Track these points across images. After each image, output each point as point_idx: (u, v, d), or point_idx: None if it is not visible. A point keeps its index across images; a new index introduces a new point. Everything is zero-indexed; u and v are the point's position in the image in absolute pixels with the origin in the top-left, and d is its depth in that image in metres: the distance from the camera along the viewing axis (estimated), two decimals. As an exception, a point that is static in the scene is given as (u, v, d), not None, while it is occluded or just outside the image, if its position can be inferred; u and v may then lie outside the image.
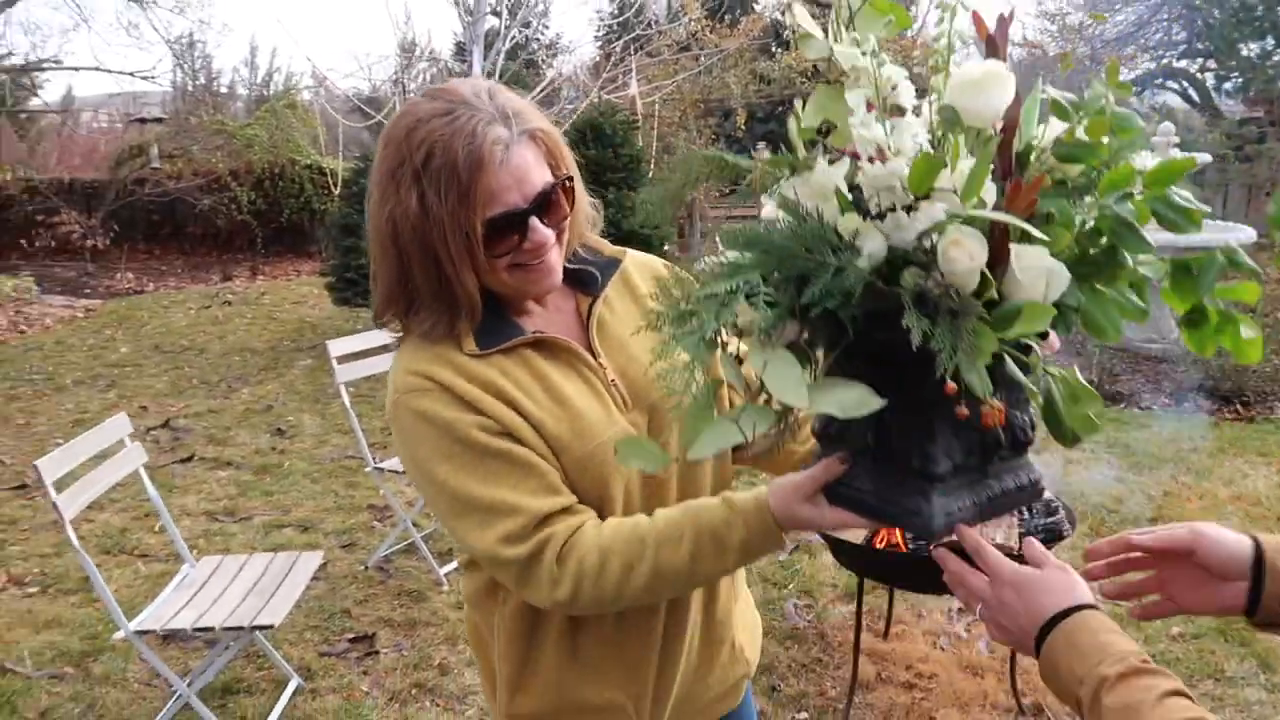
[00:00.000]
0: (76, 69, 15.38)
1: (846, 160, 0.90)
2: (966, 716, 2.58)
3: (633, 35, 10.27)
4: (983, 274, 0.85)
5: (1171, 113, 12.36)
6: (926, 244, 0.86)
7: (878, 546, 2.45)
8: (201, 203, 11.83)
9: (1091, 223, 0.87)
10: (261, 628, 2.45)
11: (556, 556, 1.04)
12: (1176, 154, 6.46)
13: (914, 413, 0.94)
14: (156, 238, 12.62)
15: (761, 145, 1.07)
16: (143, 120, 14.40)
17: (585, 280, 1.19)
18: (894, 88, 0.87)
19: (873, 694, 2.70)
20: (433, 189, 1.02)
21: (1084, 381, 0.95)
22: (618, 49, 10.01)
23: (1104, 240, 0.87)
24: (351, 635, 3.11)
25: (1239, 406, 5.29)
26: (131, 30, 22.10)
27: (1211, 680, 2.74)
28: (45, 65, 14.39)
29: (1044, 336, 0.96)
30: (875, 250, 0.85)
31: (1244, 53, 12.32)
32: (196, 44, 15.44)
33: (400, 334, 1.14)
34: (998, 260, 0.85)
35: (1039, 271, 0.84)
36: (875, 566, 2.55)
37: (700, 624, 1.24)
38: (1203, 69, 14.12)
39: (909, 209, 0.87)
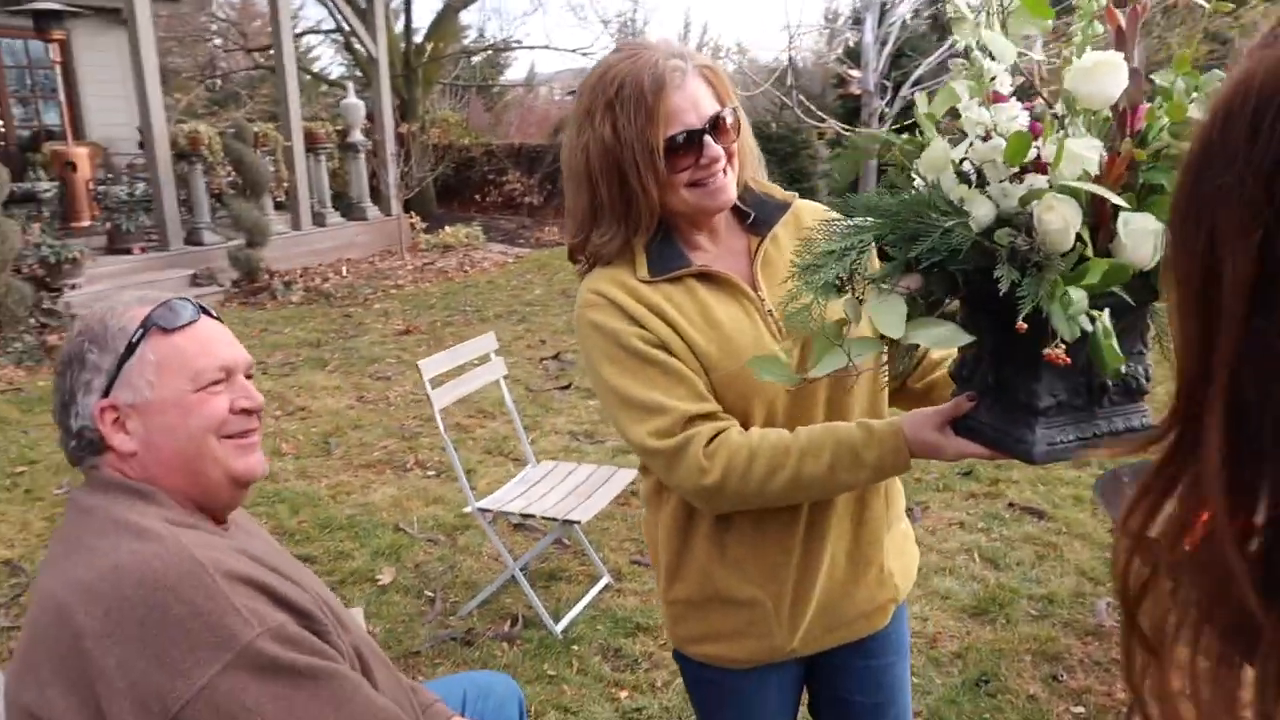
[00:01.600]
0: (531, 48, 17.61)
1: (963, 140, 1.04)
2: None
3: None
4: (1079, 235, 0.96)
5: None
6: (1027, 209, 0.98)
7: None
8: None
9: None
10: (572, 521, 2.85)
11: (703, 449, 1.19)
12: None
13: (1023, 355, 1.04)
14: (580, 198, 14.16)
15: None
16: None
17: (757, 222, 1.33)
18: (993, 79, 1.01)
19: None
20: (624, 114, 1.20)
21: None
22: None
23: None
24: (638, 555, 3.45)
25: None
26: (578, 12, 24.71)
27: None
28: (510, 45, 16.67)
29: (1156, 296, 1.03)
30: (983, 215, 1.00)
31: None
32: (631, 22, 16.91)
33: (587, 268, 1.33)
34: (1100, 224, 0.98)
35: (1145, 234, 0.94)
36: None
37: (848, 541, 1.35)
38: None
39: (1014, 179, 1.00)
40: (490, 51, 17.57)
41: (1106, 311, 0.96)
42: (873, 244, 1.06)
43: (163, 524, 1.09)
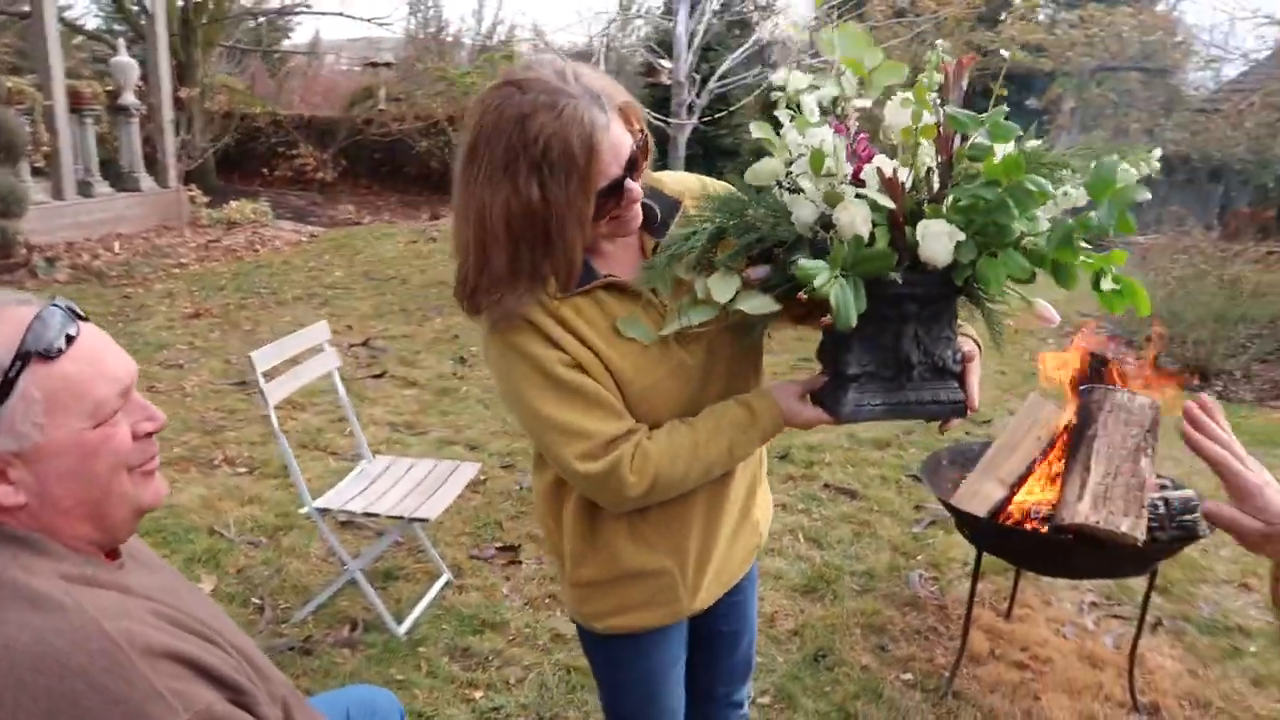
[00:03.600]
0: (323, 13, 16.65)
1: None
2: (1075, 703, 2.57)
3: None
4: (874, 233, 1.22)
5: None
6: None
7: (1000, 522, 2.46)
8: (419, 145, 12.65)
9: (967, 201, 1.21)
10: (419, 520, 2.76)
11: (631, 468, 1.27)
12: None
13: (839, 331, 1.26)
14: (377, 175, 13.64)
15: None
16: (375, 65, 15.48)
17: (649, 218, 1.35)
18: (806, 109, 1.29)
19: (982, 668, 2.72)
20: (555, 179, 1.18)
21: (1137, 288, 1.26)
22: (834, 14, 9.85)
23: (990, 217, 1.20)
24: (499, 544, 3.41)
25: None
26: (373, -21, 23.63)
27: (1359, 712, 2.58)
28: (296, 9, 15.69)
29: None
30: (806, 215, 1.26)
31: None
32: (428, -4, 16.36)
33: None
34: (895, 225, 1.24)
35: (939, 236, 1.20)
36: (997, 542, 2.55)
37: (741, 503, 1.50)
38: None
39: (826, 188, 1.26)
40: (278, 15, 16.48)
41: (845, 281, 1.20)
42: (713, 232, 1.30)
43: (60, 585, 0.93)
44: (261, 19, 16.26)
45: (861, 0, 10.77)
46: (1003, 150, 1.21)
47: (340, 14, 14.48)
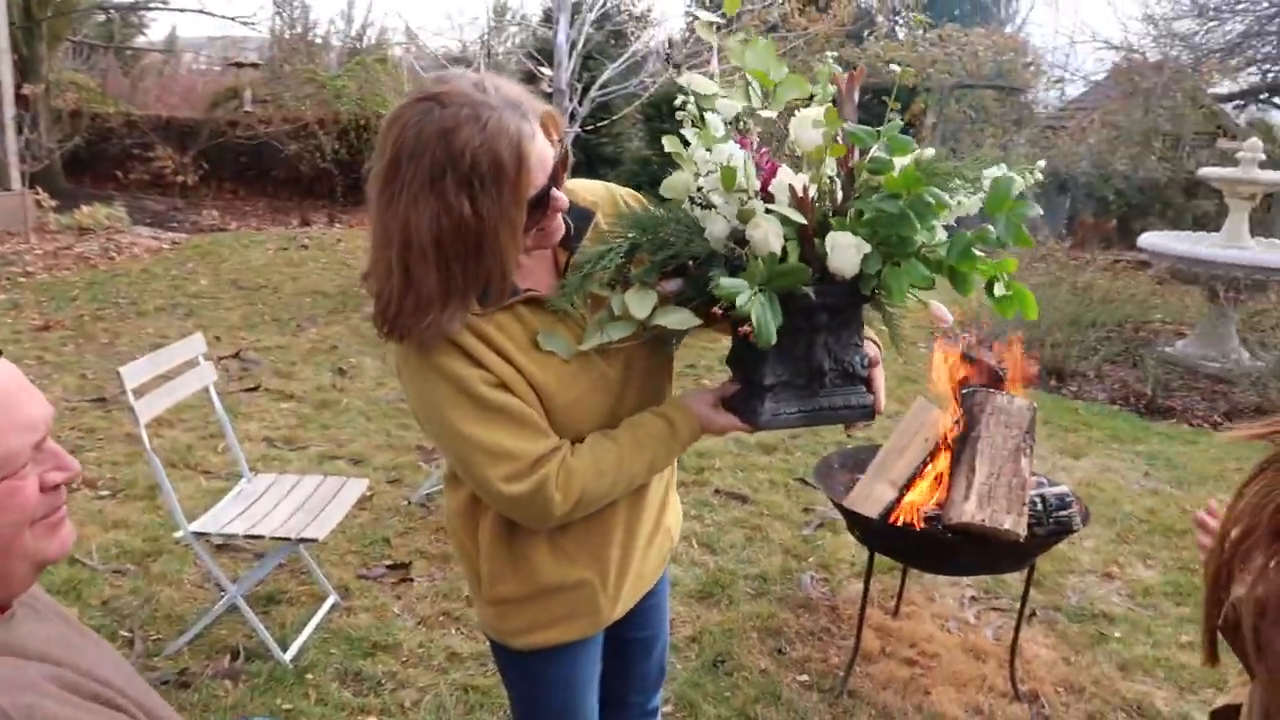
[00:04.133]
0: (180, 10, 15.85)
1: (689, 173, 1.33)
2: (962, 695, 2.67)
3: (719, 14, 10.26)
4: (785, 247, 1.25)
5: (1270, 130, 11.92)
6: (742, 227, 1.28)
7: (891, 523, 2.54)
8: (288, 148, 12.20)
9: (871, 214, 1.25)
10: (306, 540, 2.65)
11: (556, 485, 1.25)
12: (1257, 174, 6.33)
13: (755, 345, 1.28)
14: (243, 179, 13.06)
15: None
16: (239, 65, 14.85)
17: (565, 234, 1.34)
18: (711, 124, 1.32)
19: (874, 665, 2.80)
20: (486, 194, 1.15)
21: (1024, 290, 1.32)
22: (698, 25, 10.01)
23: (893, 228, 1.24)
24: (389, 562, 3.30)
25: (1295, 433, 5.19)
26: (236, -24, 22.63)
27: (1212, 689, 2.77)
28: (150, 5, 14.90)
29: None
30: (719, 230, 1.29)
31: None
32: (294, -6, 15.81)
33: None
34: (805, 239, 1.27)
35: (847, 249, 1.25)
36: (887, 542, 2.63)
37: (656, 510, 1.51)
38: (1310, 86, 13.55)
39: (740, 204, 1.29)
40: (132, 10, 15.59)
41: (764, 298, 1.23)
42: (628, 248, 1.32)
43: None
44: (113, 13, 15.36)
45: (736, 15, 11.02)
46: (901, 163, 1.26)
47: (200, 11, 13.75)
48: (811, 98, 1.35)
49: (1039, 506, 2.52)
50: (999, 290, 1.30)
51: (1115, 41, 14.45)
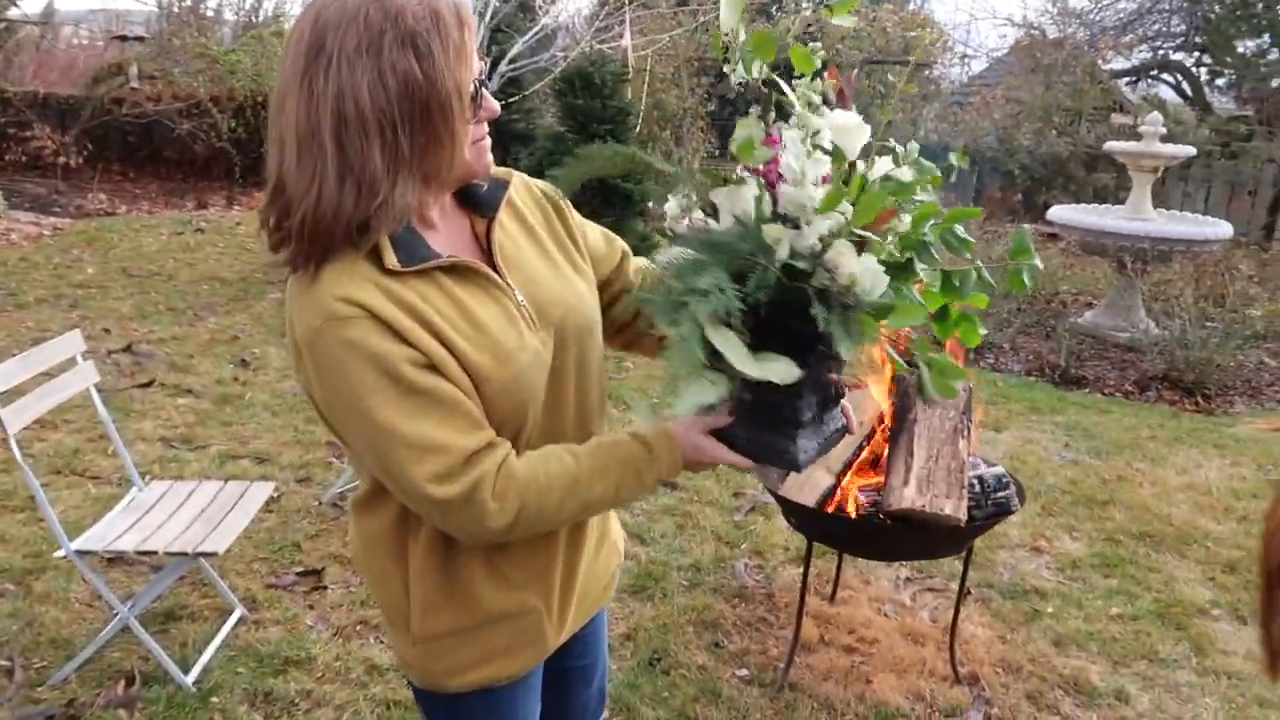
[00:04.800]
0: (58, -20, 14.89)
1: (752, 179, 1.11)
2: (903, 682, 2.62)
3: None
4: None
5: (1163, 105, 12.34)
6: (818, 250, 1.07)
7: (829, 511, 2.46)
8: (180, 127, 11.56)
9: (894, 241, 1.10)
10: (206, 554, 2.43)
11: (493, 493, 1.07)
12: (1158, 147, 6.48)
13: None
14: (131, 159, 12.35)
15: (754, 108, 1.20)
16: (124, 38, 14.02)
17: (477, 199, 1.19)
18: (817, 133, 1.07)
19: (814, 655, 2.73)
20: (431, 49, 1.01)
21: (955, 363, 1.20)
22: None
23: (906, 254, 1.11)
24: (300, 569, 3.10)
25: (1200, 399, 5.35)
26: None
27: (1145, 661, 2.79)
28: (25, -26, 13.93)
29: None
30: (784, 253, 1.07)
31: (1239, 50, 12.29)
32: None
33: (298, 258, 1.07)
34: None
35: (877, 273, 1.06)
36: (825, 531, 2.56)
37: (599, 525, 1.36)
38: (1198, 63, 14.09)
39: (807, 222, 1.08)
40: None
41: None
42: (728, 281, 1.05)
43: None
44: (-19, -18, 14.33)
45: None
46: (926, 197, 1.14)
47: (79, -19, 12.94)
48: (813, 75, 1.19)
49: (977, 488, 2.47)
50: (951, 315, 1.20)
51: (1016, 19, 14.78)
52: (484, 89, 1.09)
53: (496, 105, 1.12)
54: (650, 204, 7.89)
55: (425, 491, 1.05)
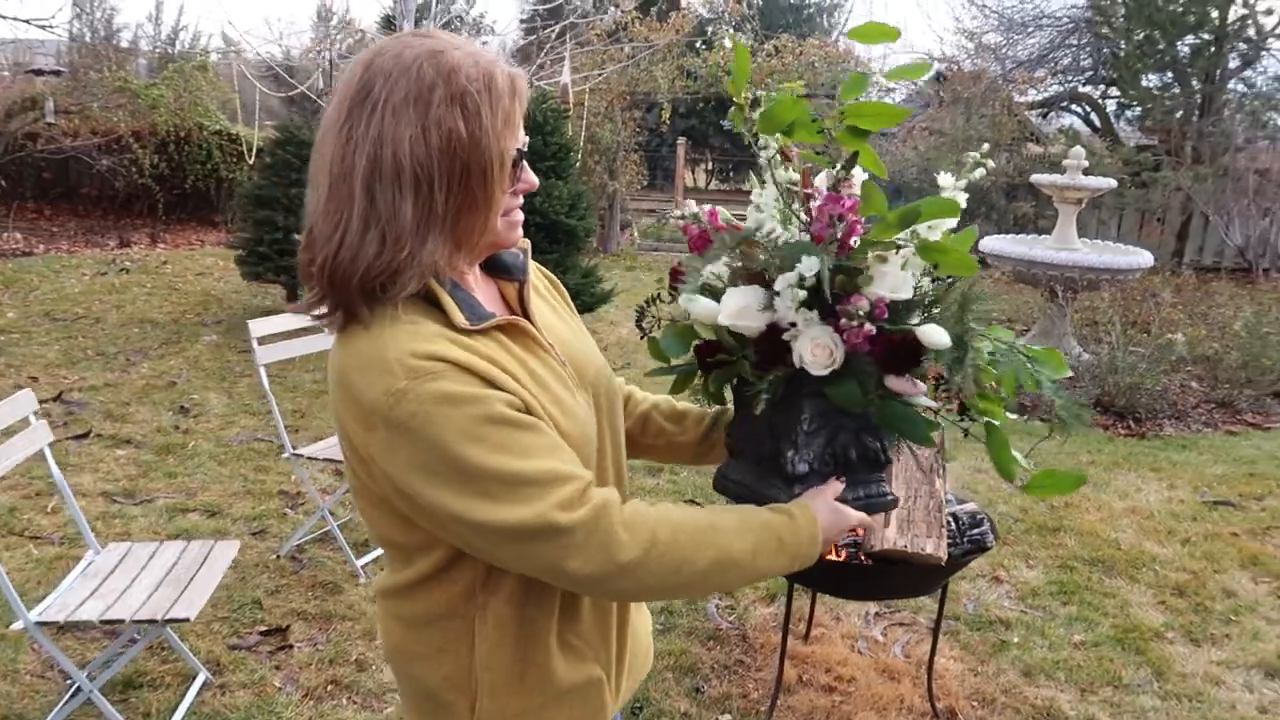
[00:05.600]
0: (-36, 11, 14.31)
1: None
2: (884, 719, 2.65)
3: (567, 22, 10.18)
4: None
5: (1076, 136, 12.88)
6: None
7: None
8: (99, 163, 11.23)
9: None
10: (176, 620, 2.34)
11: (623, 521, 1.04)
12: (1082, 180, 6.76)
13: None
14: (47, 197, 11.92)
15: (682, 140, 1.28)
16: (38, 72, 13.56)
17: (502, 266, 1.19)
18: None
19: (794, 697, 2.74)
20: (479, 111, 1.01)
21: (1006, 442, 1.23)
22: (553, 34, 9.91)
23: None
24: (264, 628, 3.00)
25: (1132, 423, 5.57)
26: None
27: (1110, 688, 2.87)
28: (-71, 4, 13.40)
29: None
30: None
31: (1145, 83, 12.91)
32: (97, -3, 14.62)
33: (337, 318, 1.04)
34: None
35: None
36: (806, 572, 2.57)
37: None
38: (1104, 95, 14.77)
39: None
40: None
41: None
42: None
43: None
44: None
45: (577, 26, 10.95)
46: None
47: (-12, 12, 12.47)
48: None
49: (953, 526, 2.52)
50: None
51: (935, 54, 15.30)
52: (524, 161, 1.09)
53: (535, 179, 1.11)
54: (590, 240, 7.92)
55: (552, 519, 0.98)
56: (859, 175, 1.17)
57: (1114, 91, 14.47)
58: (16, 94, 12.59)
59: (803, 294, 1.06)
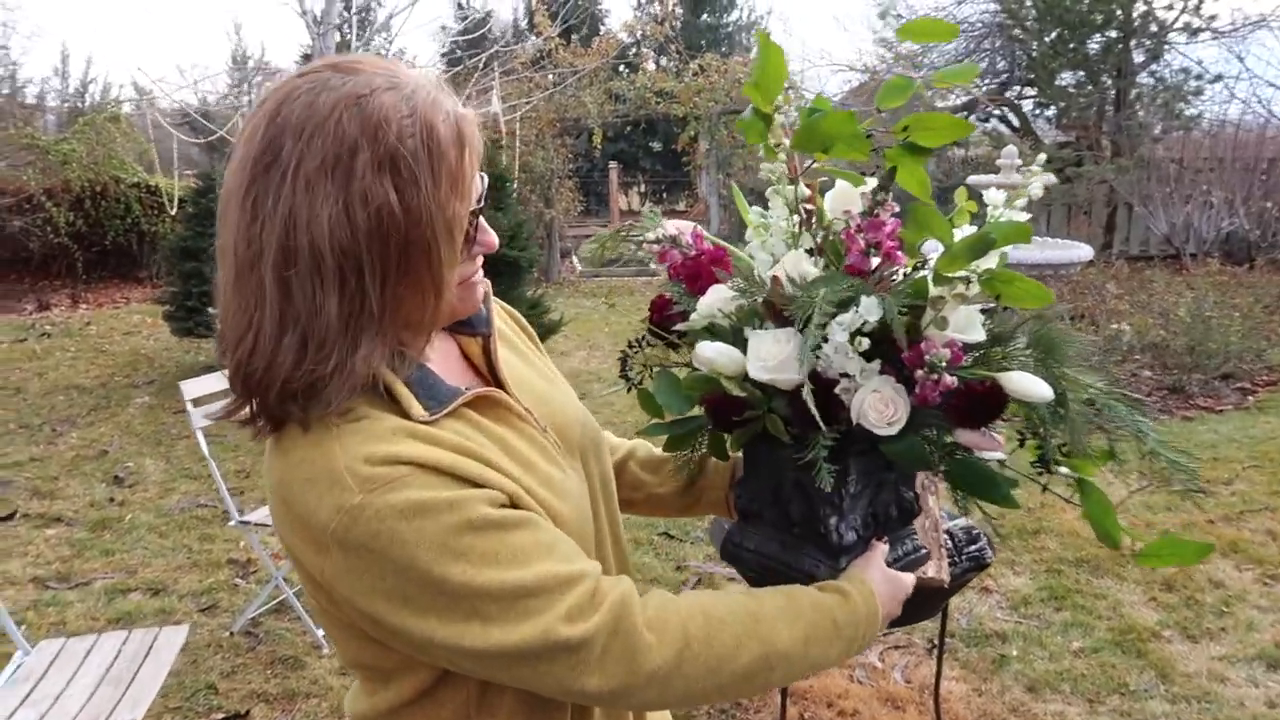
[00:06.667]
0: None
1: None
2: (895, 755, 2.52)
3: (489, 52, 10.07)
4: None
5: (1001, 137, 13.14)
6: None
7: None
8: (11, 224, 10.75)
9: None
10: (121, 725, 2.11)
11: (647, 620, 0.86)
12: (1017, 177, 6.82)
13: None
14: (-44, 262, 11.40)
15: (614, 164, 1.14)
16: (-62, 133, 12.99)
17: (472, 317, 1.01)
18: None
19: (798, 737, 2.60)
20: (416, 179, 0.81)
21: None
22: (479, 64, 9.78)
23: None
24: (221, 715, 2.76)
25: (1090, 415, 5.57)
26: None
27: (1117, 696, 2.78)
28: None
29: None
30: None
31: (1059, 82, 13.24)
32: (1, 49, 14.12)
33: (269, 422, 0.86)
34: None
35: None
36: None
37: None
38: (1020, 96, 15.12)
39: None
40: None
41: None
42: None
43: None
44: None
45: (499, 55, 10.84)
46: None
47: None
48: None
49: (950, 544, 2.41)
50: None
51: (855, 65, 15.54)
52: (480, 219, 0.90)
53: (494, 238, 0.92)
54: (533, 270, 7.77)
55: (560, 636, 0.82)
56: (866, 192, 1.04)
57: (1029, 91, 14.84)
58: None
59: (866, 343, 0.91)
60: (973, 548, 2.51)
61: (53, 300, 10.37)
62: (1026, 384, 0.91)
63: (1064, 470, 1.10)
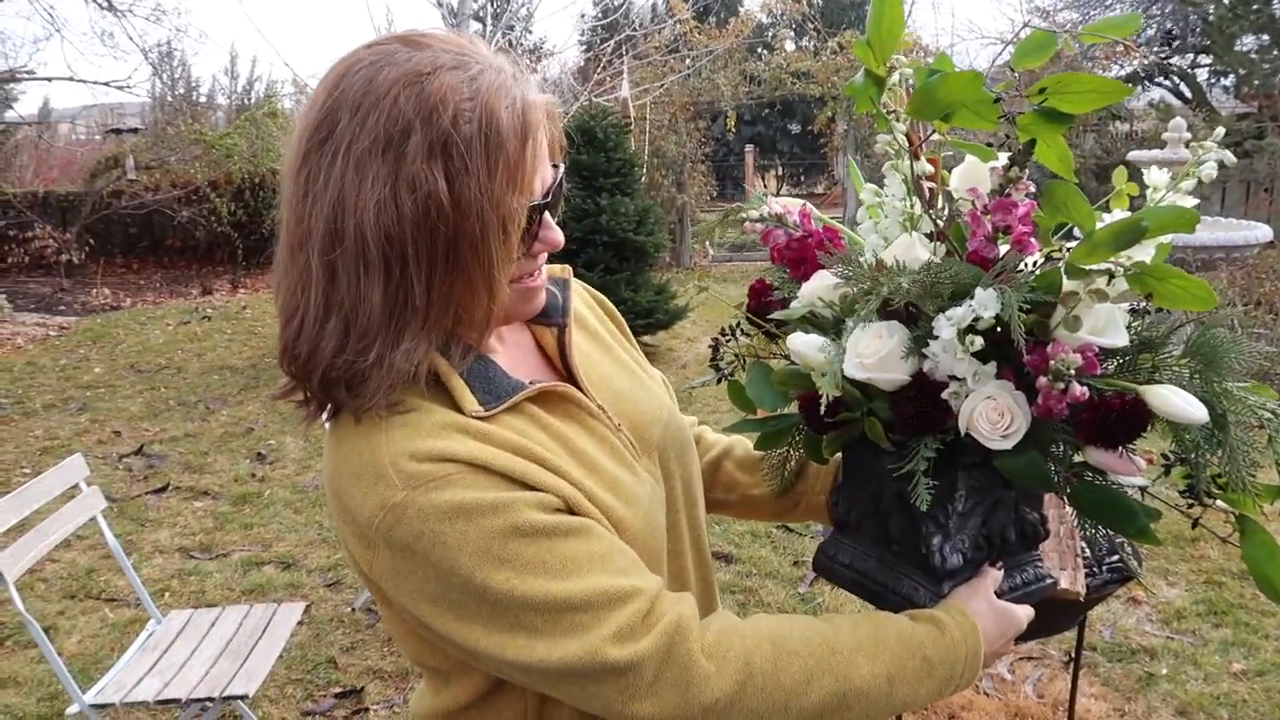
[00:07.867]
0: (49, 79, 14.96)
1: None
2: (1023, 776, 2.34)
3: (623, 36, 10.06)
4: None
5: (1169, 109, 12.20)
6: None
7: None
8: (180, 215, 11.51)
9: None
10: (234, 697, 2.18)
11: (705, 646, 0.79)
12: (1185, 153, 6.28)
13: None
14: (134, 251, 12.31)
15: (749, 147, 1.00)
16: (119, 131, 14.08)
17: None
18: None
19: (916, 750, 2.45)
20: (469, 167, 0.75)
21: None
22: (608, 50, 9.79)
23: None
24: (338, 689, 2.84)
25: (1265, 412, 5.08)
26: (106, 40, 21.76)
27: (1285, 726, 2.50)
28: (18, 76, 14.02)
29: None
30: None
31: (1239, 47, 12.16)
32: (174, 52, 15.12)
33: (330, 412, 0.83)
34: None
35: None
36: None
37: None
38: (1194, 64, 13.99)
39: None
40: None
41: None
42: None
43: None
44: (-24, 88, 14.46)
45: (635, 40, 10.82)
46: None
47: (70, 79, 12.94)
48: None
49: (1087, 553, 2.20)
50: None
51: (1006, 36, 14.73)
52: (545, 214, 0.83)
53: (559, 236, 0.85)
54: (661, 254, 7.72)
55: (607, 657, 0.75)
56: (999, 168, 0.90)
57: (1203, 59, 13.72)
58: (101, 154, 13.07)
59: (979, 342, 0.79)
60: (1114, 558, 2.29)
61: (215, 285, 11.05)
62: (1176, 401, 0.77)
63: (1221, 505, 0.93)
